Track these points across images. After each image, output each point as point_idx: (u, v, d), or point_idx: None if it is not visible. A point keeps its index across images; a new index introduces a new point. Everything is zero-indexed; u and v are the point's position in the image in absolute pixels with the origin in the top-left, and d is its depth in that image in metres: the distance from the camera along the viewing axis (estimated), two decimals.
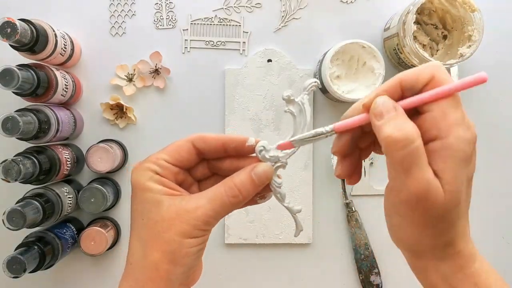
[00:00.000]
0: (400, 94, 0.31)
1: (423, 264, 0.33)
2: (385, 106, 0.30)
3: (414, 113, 0.31)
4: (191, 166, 0.37)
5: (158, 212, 0.33)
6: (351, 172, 0.35)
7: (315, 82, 0.36)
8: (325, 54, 0.66)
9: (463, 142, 0.29)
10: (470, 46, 0.63)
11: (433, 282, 0.33)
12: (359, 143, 0.35)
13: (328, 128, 0.33)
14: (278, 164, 0.36)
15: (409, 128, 0.29)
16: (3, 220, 0.53)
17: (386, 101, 0.30)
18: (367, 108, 0.31)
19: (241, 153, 0.37)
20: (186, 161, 0.36)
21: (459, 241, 0.32)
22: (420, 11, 0.65)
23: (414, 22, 0.61)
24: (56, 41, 0.61)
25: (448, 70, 0.71)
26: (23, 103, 0.61)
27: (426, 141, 0.29)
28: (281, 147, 0.36)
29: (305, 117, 0.36)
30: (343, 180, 0.71)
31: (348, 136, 0.33)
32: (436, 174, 0.29)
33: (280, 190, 0.37)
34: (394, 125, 0.29)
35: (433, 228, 0.31)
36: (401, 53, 0.65)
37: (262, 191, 0.37)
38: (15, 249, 0.57)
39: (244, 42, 0.72)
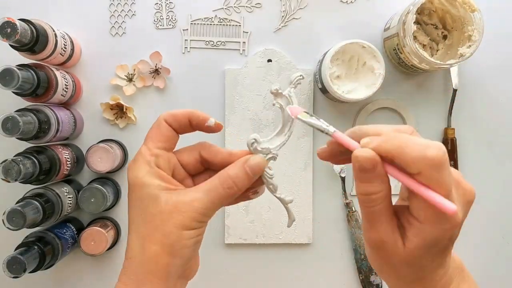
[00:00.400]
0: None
1: None
2: (368, 164, 0.30)
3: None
4: (173, 146, 0.38)
5: (156, 207, 0.34)
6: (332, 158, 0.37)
7: (300, 76, 0.38)
8: (325, 54, 0.66)
9: (434, 234, 0.30)
10: (470, 46, 0.63)
11: None
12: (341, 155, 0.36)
13: (330, 128, 0.34)
14: (270, 155, 0.37)
15: (372, 190, 0.30)
16: (3, 220, 0.53)
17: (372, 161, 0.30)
18: (363, 145, 0.31)
19: (202, 130, 0.38)
20: (170, 140, 0.38)
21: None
22: (420, 11, 0.65)
23: (414, 22, 0.61)
24: (56, 41, 0.61)
25: (448, 70, 0.71)
26: (23, 103, 0.61)
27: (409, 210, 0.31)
28: (293, 110, 0.37)
29: None
30: (343, 180, 0.71)
31: (337, 147, 0.34)
32: (405, 233, 0.31)
33: (273, 181, 0.38)
34: (362, 187, 0.31)
35: (392, 270, 0.33)
36: (401, 53, 0.65)
37: (254, 184, 0.38)
38: (15, 249, 0.57)
39: (244, 42, 0.72)
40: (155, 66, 0.70)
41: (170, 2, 0.71)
